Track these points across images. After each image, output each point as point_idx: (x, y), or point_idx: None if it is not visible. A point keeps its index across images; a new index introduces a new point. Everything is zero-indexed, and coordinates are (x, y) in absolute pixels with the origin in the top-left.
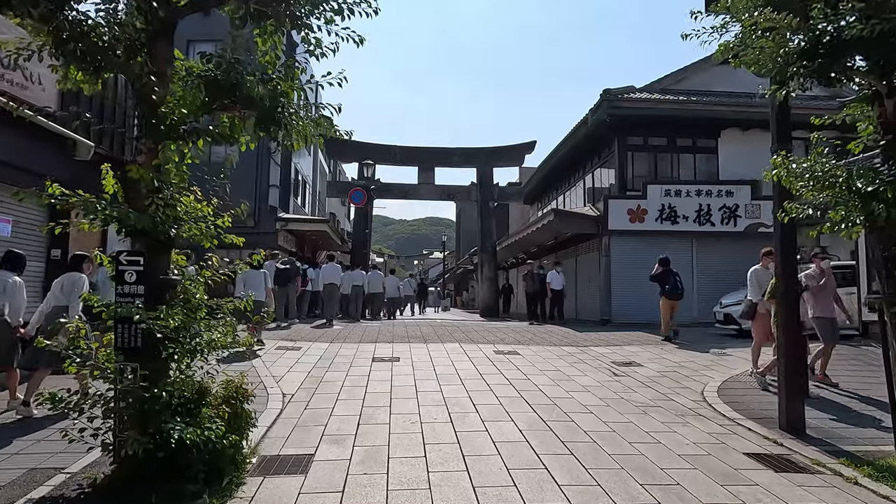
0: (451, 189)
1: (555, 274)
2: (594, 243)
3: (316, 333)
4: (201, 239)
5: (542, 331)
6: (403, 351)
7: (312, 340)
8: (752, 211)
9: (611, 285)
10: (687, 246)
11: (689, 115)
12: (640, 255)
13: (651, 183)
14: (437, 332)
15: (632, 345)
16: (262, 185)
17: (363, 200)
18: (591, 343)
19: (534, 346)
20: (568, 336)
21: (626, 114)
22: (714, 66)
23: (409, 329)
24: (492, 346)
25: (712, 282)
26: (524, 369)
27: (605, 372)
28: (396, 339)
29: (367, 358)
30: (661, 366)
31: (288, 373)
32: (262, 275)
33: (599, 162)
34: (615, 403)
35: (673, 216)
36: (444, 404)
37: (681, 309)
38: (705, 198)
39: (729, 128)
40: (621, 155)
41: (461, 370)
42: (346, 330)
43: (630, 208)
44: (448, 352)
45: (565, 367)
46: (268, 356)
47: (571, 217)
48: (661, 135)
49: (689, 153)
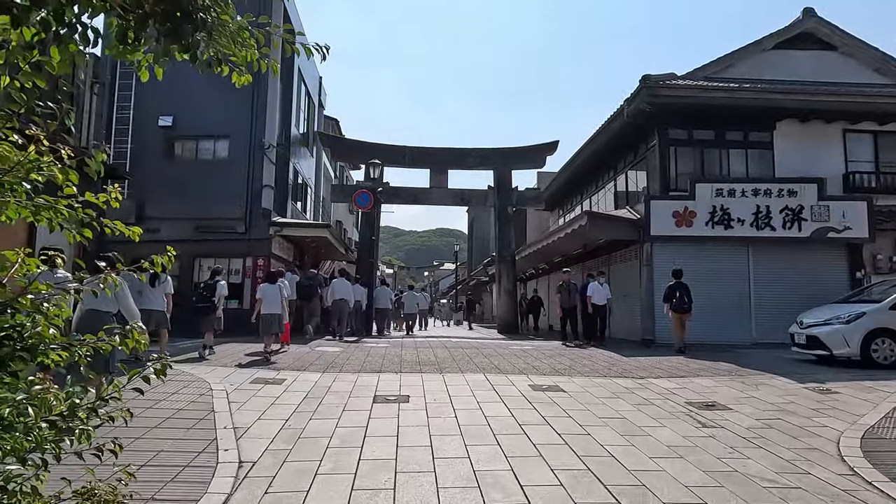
0: (466, 193)
1: (597, 286)
2: (632, 251)
3: (307, 359)
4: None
5: (581, 355)
6: (414, 385)
7: (300, 369)
8: (820, 213)
9: (654, 300)
10: (742, 254)
11: (740, 105)
12: (687, 265)
13: (700, 181)
14: (454, 357)
15: (699, 376)
16: (254, 184)
17: (369, 204)
18: (646, 373)
19: (578, 378)
20: (614, 362)
21: (669, 102)
22: (764, 51)
23: (421, 352)
24: (525, 376)
25: (773, 296)
26: (577, 415)
27: (686, 420)
28: (405, 368)
29: (366, 396)
30: (755, 408)
31: (257, 421)
32: (278, 288)
33: (635, 160)
34: (731, 482)
35: (726, 219)
36: (476, 485)
37: (728, 328)
38: (764, 198)
39: (786, 119)
40: (663, 150)
41: (492, 418)
42: (345, 353)
43: (676, 210)
44: (471, 386)
45: (630, 411)
46: (239, 393)
47: (607, 221)
48: (707, 127)
49: (740, 148)
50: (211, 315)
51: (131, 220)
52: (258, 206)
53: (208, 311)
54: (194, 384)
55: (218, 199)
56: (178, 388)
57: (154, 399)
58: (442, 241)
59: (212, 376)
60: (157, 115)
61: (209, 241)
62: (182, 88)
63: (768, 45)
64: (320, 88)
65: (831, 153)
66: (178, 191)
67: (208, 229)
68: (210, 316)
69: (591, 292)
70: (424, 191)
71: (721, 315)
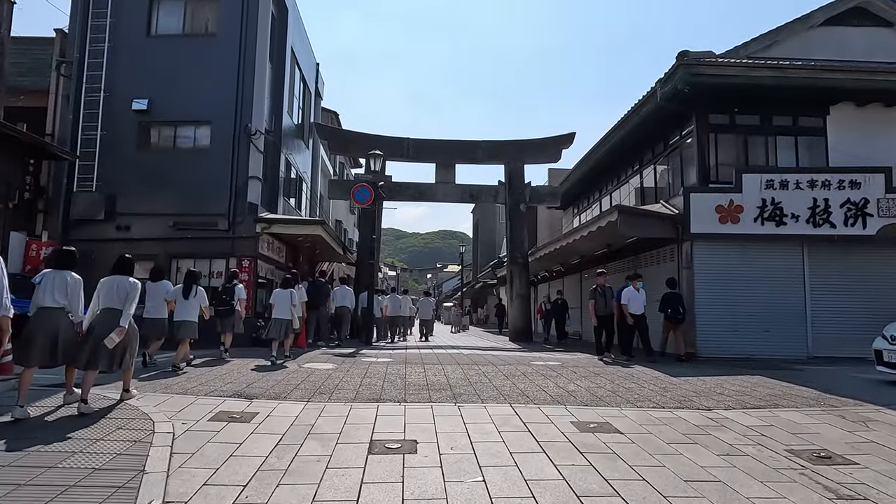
0: (475, 189)
1: (632, 292)
2: (667, 252)
3: (292, 380)
4: None
5: (620, 375)
6: (422, 422)
7: (279, 397)
8: (888, 207)
9: (695, 307)
10: (796, 254)
11: (791, 85)
12: (732, 268)
13: (747, 171)
14: (469, 377)
15: (779, 406)
16: (239, 175)
17: (369, 199)
18: (711, 401)
19: (629, 410)
20: (663, 385)
21: (711, 82)
22: (812, 28)
23: (429, 370)
24: (562, 408)
25: (833, 303)
26: (652, 477)
27: (807, 485)
28: (411, 394)
29: (360, 442)
30: (890, 462)
31: (201, 489)
32: (289, 294)
33: (665, 150)
34: None
35: (777, 215)
36: None
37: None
38: (821, 190)
39: (841, 102)
40: (701, 137)
41: (536, 483)
42: (339, 372)
43: (720, 204)
44: (497, 424)
45: (721, 469)
46: (190, 438)
47: (642, 217)
48: (752, 111)
49: (789, 135)
50: (230, 318)
51: (100, 217)
52: (243, 199)
53: (227, 313)
54: (134, 423)
55: (198, 192)
56: (108, 432)
57: (66, 452)
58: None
59: (164, 409)
60: (130, 97)
61: (188, 239)
62: (159, 68)
63: (817, 20)
64: (317, 76)
65: (894, 140)
66: (154, 183)
67: (187, 226)
68: (229, 318)
69: (627, 299)
70: (430, 186)
71: (771, 325)
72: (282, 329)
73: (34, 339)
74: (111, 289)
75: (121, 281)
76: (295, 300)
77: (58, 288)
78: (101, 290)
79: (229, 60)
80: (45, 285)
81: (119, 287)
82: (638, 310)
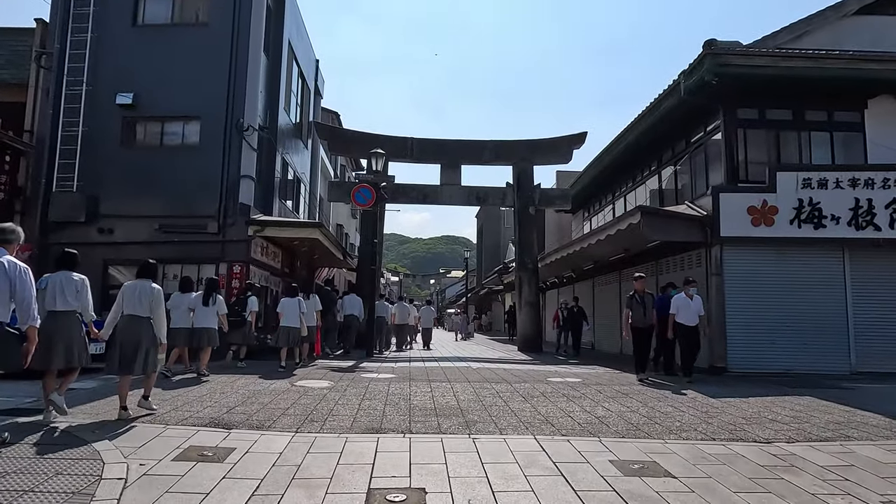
0: (481, 191)
1: (683, 300)
2: (693, 256)
3: (281, 403)
4: None
5: (655, 395)
6: (432, 461)
7: (263, 426)
8: None
9: (725, 317)
10: (836, 260)
11: (827, 77)
12: (766, 274)
13: (781, 169)
14: (482, 398)
15: (851, 439)
16: (230, 174)
17: (370, 200)
18: (766, 430)
19: (675, 444)
20: (706, 410)
21: (740, 73)
22: (846, 16)
23: (436, 388)
24: (596, 440)
25: (878, 313)
26: None
27: None
28: (417, 421)
29: (356, 490)
30: None
31: None
32: (297, 302)
33: (687, 147)
34: None
35: (816, 216)
36: None
37: (819, 353)
38: (864, 190)
39: (880, 95)
40: (729, 133)
41: None
42: (335, 391)
43: (752, 205)
44: (521, 465)
45: None
46: (145, 485)
47: (667, 219)
48: (783, 105)
49: (823, 130)
50: (241, 329)
51: (81, 219)
52: (234, 200)
53: (239, 325)
54: (79, 465)
55: (186, 192)
56: (41, 480)
57: None
58: (448, 248)
59: (122, 443)
60: (114, 91)
61: (175, 243)
62: (146, 60)
63: (851, 9)
64: (317, 74)
65: None
66: (139, 183)
67: (174, 229)
68: (240, 330)
69: (676, 308)
70: (434, 189)
71: (810, 338)
72: (290, 337)
73: (52, 343)
74: (133, 295)
75: (143, 287)
76: (303, 308)
77: (68, 290)
78: (123, 295)
79: (221, 52)
80: (52, 289)
81: (142, 293)
82: (691, 321)
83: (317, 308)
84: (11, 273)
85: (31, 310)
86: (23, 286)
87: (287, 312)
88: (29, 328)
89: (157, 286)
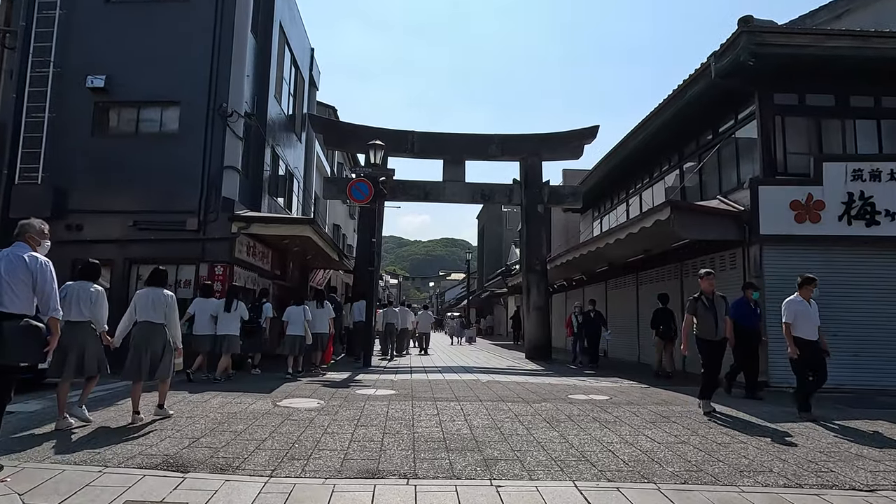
0: (487, 188)
1: (801, 305)
2: (727, 257)
3: (257, 432)
4: None
5: (699, 420)
6: None
7: (230, 466)
8: None
9: (766, 326)
10: (891, 261)
11: (875, 57)
12: None
13: (828, 160)
14: (498, 423)
15: None
16: (212, 165)
17: (367, 196)
18: (858, 471)
19: (752, 491)
20: (767, 438)
21: (780, 53)
22: None
23: (443, 411)
24: (654, 488)
25: None
26: None
27: None
28: (423, 460)
29: None
30: None
31: None
32: (302, 310)
33: (714, 138)
34: None
35: (868, 212)
36: None
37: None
38: None
39: None
40: (765, 120)
41: None
42: (324, 414)
43: (795, 199)
44: None
45: None
46: None
47: (700, 215)
48: (825, 90)
49: (869, 118)
50: (256, 336)
51: (46, 214)
52: (217, 194)
53: (254, 332)
54: None
55: (164, 185)
56: None
57: None
58: (447, 251)
59: (39, 494)
60: (85, 73)
61: (150, 241)
62: (120, 39)
63: None
64: (312, 63)
65: None
66: (112, 175)
67: (150, 226)
68: (255, 337)
69: (794, 315)
70: (437, 185)
71: (862, 349)
72: (296, 345)
73: (66, 353)
74: (147, 302)
75: (156, 294)
76: (308, 316)
77: (83, 301)
78: (136, 303)
79: (203, 31)
80: (69, 299)
81: (155, 301)
82: (812, 334)
83: (330, 316)
84: (32, 266)
85: (53, 301)
86: (44, 279)
87: (293, 320)
88: (51, 319)
89: (169, 293)
